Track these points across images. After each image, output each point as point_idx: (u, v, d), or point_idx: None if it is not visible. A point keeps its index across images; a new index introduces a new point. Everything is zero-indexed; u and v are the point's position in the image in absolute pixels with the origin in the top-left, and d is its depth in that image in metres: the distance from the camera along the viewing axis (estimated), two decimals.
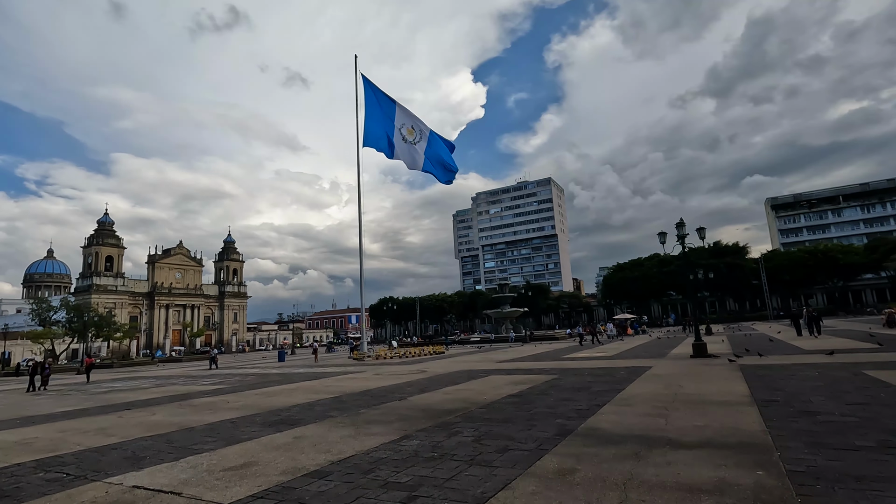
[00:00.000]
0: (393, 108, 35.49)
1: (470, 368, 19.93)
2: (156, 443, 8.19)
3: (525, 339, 47.05)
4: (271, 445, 7.39)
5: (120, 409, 13.47)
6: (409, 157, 34.56)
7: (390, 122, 34.96)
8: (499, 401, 10.58)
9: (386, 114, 35.34)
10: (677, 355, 19.97)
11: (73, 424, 10.99)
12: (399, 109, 35.49)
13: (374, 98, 35.82)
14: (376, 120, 35.23)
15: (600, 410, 8.62)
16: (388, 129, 34.95)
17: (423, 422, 8.63)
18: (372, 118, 35.23)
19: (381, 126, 35.13)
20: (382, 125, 35.12)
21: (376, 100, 35.80)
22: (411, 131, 34.85)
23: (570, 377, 14.28)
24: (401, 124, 34.80)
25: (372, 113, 35.31)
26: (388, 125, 34.97)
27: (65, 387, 25.19)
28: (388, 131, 34.93)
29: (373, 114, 35.31)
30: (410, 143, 34.74)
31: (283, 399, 13.31)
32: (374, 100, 35.79)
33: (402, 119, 34.88)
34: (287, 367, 30.35)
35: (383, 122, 35.16)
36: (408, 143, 34.66)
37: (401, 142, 34.63)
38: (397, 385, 15.17)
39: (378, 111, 35.32)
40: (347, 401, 12.18)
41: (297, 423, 9.34)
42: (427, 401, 11.31)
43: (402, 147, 34.48)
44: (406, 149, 34.46)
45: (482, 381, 14.95)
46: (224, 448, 7.40)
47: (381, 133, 35.02)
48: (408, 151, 34.54)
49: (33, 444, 8.77)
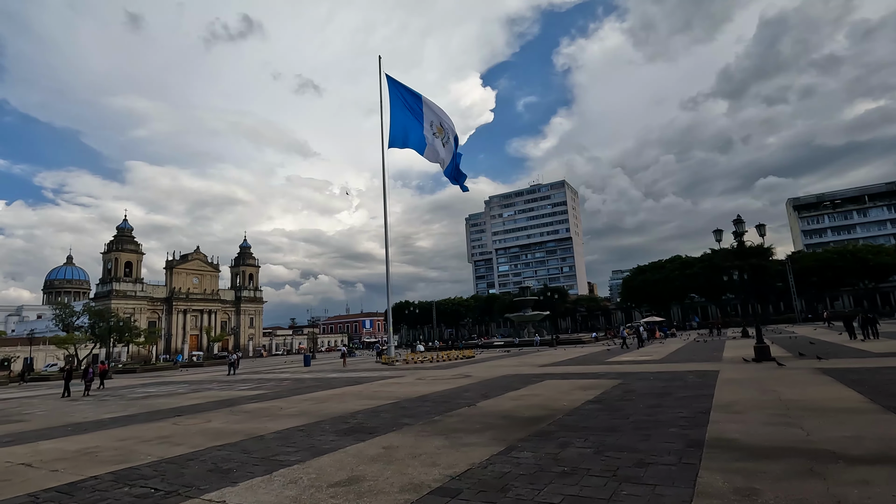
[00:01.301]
0: (420, 106, 34.80)
1: (516, 373, 19.20)
2: (231, 453, 7.60)
3: (552, 342, 46.11)
4: (365, 457, 6.76)
5: (168, 415, 12.95)
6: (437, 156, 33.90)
7: (418, 121, 34.31)
8: (580, 408, 9.86)
9: (413, 112, 34.69)
10: (734, 359, 19.06)
11: (128, 432, 10.47)
12: (426, 107, 34.74)
13: (400, 97, 35.27)
14: (402, 120, 34.73)
15: (711, 419, 7.86)
16: (417, 127, 34.33)
17: (515, 431, 7.95)
18: (397, 118, 34.73)
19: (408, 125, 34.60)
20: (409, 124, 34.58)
21: (402, 99, 35.25)
22: (441, 129, 34.20)
23: (639, 382, 13.50)
24: (430, 122, 34.11)
25: (397, 113, 34.81)
26: (417, 124, 34.34)
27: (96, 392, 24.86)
28: (417, 129, 34.29)
29: (398, 114, 34.81)
30: (441, 141, 34.09)
31: (338, 405, 12.71)
32: (400, 99, 35.25)
33: (431, 116, 34.18)
34: (317, 372, 29.82)
35: (410, 121, 34.59)
36: (438, 141, 34.00)
37: (431, 138, 33.95)
38: (452, 390, 14.49)
39: (405, 110, 34.78)
40: (410, 407, 11.53)
41: (373, 431, 8.71)
42: (500, 407, 10.62)
43: (431, 145, 33.82)
44: (436, 147, 33.79)
45: (542, 385, 14.23)
46: (313, 460, 6.78)
47: (408, 132, 34.51)
48: (437, 150, 33.87)
49: (97, 453, 8.23)
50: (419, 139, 34.00)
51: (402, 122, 34.62)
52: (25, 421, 13.84)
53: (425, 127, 34.03)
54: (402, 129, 34.51)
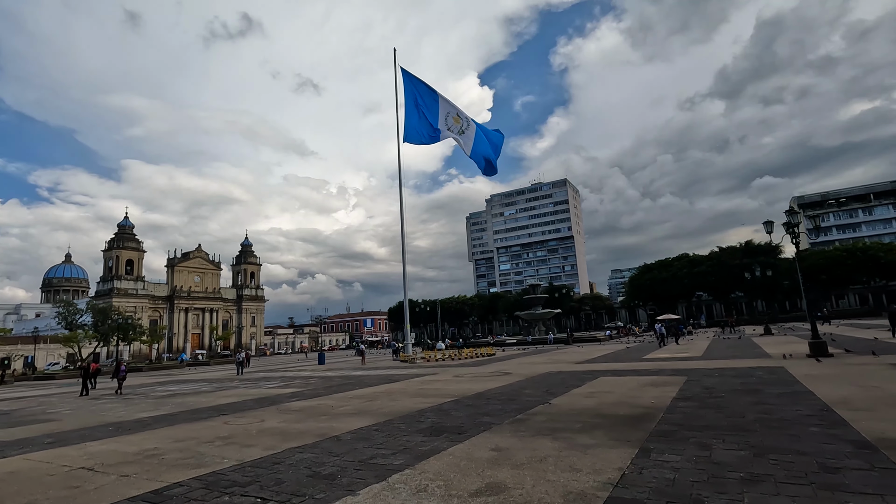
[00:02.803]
0: (436, 99, 34.09)
1: (558, 370, 18.49)
2: (318, 455, 6.84)
3: (567, 340, 45.42)
4: (480, 460, 6.02)
5: (211, 414, 12.15)
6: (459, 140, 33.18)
7: (434, 114, 33.58)
8: (674, 406, 9.13)
9: (428, 106, 33.99)
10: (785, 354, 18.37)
11: (180, 432, 9.67)
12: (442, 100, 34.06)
13: (415, 91, 34.58)
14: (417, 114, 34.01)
15: (844, 417, 7.14)
16: (433, 120, 33.61)
17: (627, 430, 7.22)
18: (412, 112, 34.00)
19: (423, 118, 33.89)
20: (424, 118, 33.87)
21: (416, 93, 34.56)
22: (457, 119, 33.48)
23: (708, 378, 12.79)
24: (446, 113, 33.43)
25: (412, 107, 34.09)
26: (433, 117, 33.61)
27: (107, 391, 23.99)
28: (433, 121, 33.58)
29: (413, 108, 34.09)
30: (458, 130, 33.38)
31: (394, 403, 11.94)
32: (414, 93, 34.55)
33: (447, 108, 33.50)
34: (337, 370, 29.03)
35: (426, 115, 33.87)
36: (455, 130, 33.29)
37: (446, 133, 33.21)
38: (505, 387, 13.75)
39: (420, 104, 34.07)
40: (477, 405, 10.79)
41: (461, 431, 7.96)
42: (580, 405, 9.88)
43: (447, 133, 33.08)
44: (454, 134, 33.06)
45: (602, 382, 13.51)
46: (420, 464, 6.03)
47: (423, 126, 33.78)
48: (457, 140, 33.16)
49: (161, 456, 7.45)
50: (434, 133, 33.30)
51: (417, 117, 33.92)
52: (56, 420, 13.02)
53: (440, 120, 33.32)
54: (416, 124, 33.78)
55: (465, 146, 32.21)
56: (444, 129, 33.12)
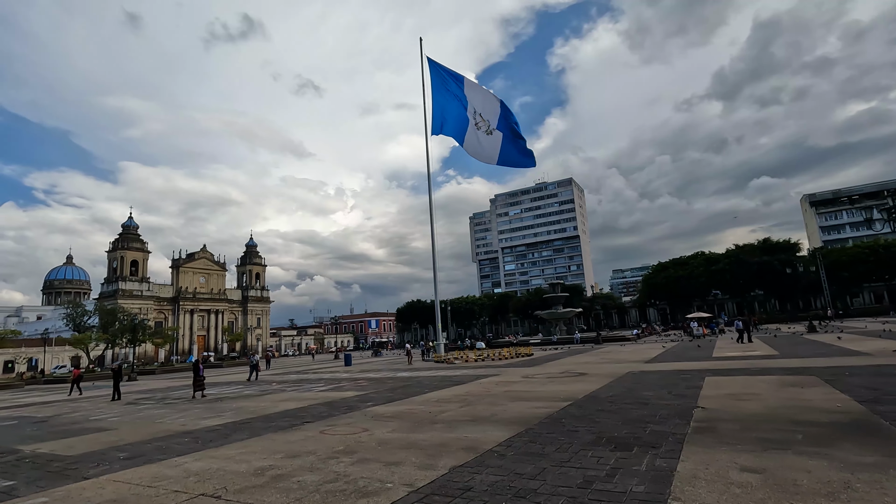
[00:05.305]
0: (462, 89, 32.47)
1: (639, 370, 17.13)
2: (507, 478, 5.36)
3: (598, 339, 44.04)
4: (747, 485, 4.58)
5: (292, 422, 10.63)
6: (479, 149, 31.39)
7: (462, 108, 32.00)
8: (872, 408, 7.73)
9: (457, 98, 32.42)
10: (861, 352, 17.05)
11: (275, 444, 8.17)
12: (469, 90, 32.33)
13: (441, 83, 33.18)
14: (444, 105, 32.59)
15: None
16: (461, 114, 32.08)
17: (853, 441, 5.79)
18: (438, 104, 32.59)
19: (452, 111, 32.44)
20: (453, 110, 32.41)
21: (443, 84, 33.15)
22: (483, 120, 31.74)
23: (856, 378, 11.40)
24: (473, 110, 31.77)
25: (439, 98, 32.66)
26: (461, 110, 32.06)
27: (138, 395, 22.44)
28: (461, 116, 32.05)
29: (440, 99, 32.66)
30: (484, 132, 31.74)
31: (496, 408, 10.46)
32: (442, 85, 33.15)
33: (475, 103, 31.71)
34: (374, 372, 27.51)
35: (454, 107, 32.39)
36: (480, 132, 31.64)
37: (473, 131, 31.53)
38: (606, 387, 12.32)
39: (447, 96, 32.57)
40: (608, 409, 9.35)
41: (654, 444, 6.53)
42: (749, 409, 8.44)
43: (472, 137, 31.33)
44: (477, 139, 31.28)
45: (724, 382, 12.10)
46: (674, 489, 4.59)
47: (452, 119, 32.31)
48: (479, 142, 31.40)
49: (293, 477, 5.98)
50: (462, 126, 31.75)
51: (443, 108, 32.46)
52: (110, 429, 11.50)
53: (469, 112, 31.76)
54: (443, 115, 32.30)
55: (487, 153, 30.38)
56: (473, 128, 31.47)
